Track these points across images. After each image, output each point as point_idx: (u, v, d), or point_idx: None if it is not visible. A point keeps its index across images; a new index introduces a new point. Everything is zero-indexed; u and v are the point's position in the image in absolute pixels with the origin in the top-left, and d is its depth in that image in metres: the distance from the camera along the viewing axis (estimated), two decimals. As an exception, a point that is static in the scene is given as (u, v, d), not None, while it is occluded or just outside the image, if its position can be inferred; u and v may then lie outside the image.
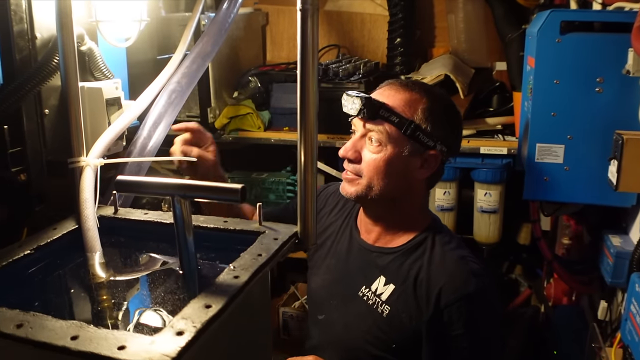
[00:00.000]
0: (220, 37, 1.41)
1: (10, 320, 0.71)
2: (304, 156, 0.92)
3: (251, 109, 2.43)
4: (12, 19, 1.18)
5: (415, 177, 1.39)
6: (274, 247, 0.91)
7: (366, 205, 1.46)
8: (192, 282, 0.93)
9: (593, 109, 1.71)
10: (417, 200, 1.44)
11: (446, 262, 1.35)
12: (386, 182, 1.36)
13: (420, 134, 1.34)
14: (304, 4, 0.86)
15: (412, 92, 1.37)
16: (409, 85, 1.40)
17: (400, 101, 1.36)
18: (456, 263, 1.34)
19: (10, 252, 0.93)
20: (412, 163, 1.37)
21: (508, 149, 2.20)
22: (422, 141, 1.34)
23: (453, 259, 1.35)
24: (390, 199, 1.39)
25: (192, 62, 1.37)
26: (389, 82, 1.43)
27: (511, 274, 2.76)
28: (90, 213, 1.02)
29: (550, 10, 1.74)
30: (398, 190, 1.39)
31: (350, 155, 1.38)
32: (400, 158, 1.35)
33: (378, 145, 1.35)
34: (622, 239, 1.69)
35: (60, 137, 1.29)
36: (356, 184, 1.38)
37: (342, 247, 1.52)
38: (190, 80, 1.37)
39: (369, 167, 1.36)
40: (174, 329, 0.68)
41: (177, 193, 0.87)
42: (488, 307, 1.35)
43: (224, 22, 1.41)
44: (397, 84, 1.40)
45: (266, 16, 2.90)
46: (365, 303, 1.40)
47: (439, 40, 2.77)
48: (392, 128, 1.33)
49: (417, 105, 1.35)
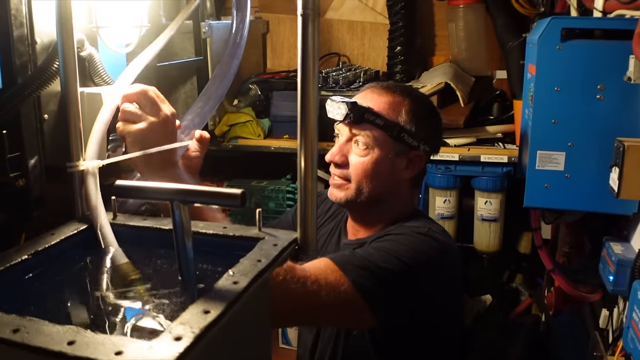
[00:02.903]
0: (229, 79, 1.42)
1: (7, 325, 0.70)
2: (304, 162, 0.91)
3: (251, 116, 2.43)
4: (12, 24, 1.18)
5: (401, 178, 1.43)
6: (274, 253, 0.90)
7: (354, 209, 1.48)
8: (191, 288, 0.92)
9: (594, 116, 1.70)
10: (403, 200, 1.47)
11: (410, 224, 1.37)
12: (374, 185, 1.39)
13: (405, 135, 1.38)
14: (305, 9, 0.85)
15: (395, 94, 1.41)
16: (390, 87, 1.43)
17: (384, 104, 1.39)
18: (416, 226, 1.36)
19: (7, 257, 0.92)
20: (398, 164, 1.41)
21: (508, 157, 2.20)
22: (407, 142, 1.38)
23: (417, 224, 1.37)
24: (377, 200, 1.42)
25: (204, 104, 1.39)
26: (370, 85, 1.47)
27: (512, 282, 2.76)
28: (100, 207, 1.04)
29: (551, 18, 1.74)
30: (385, 191, 1.42)
31: (338, 159, 1.41)
32: (386, 160, 1.38)
33: (365, 149, 1.38)
34: (624, 247, 1.68)
35: (59, 142, 1.29)
36: (345, 188, 1.41)
37: (331, 249, 1.54)
38: (202, 120, 1.39)
39: (357, 170, 1.39)
40: (172, 334, 0.67)
41: (177, 198, 0.86)
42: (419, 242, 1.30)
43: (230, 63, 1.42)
44: (379, 87, 1.43)
45: (267, 24, 2.91)
46: None
47: (440, 48, 2.78)
48: (378, 131, 1.37)
49: (400, 107, 1.39)
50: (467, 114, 2.36)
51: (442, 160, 2.28)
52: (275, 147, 2.41)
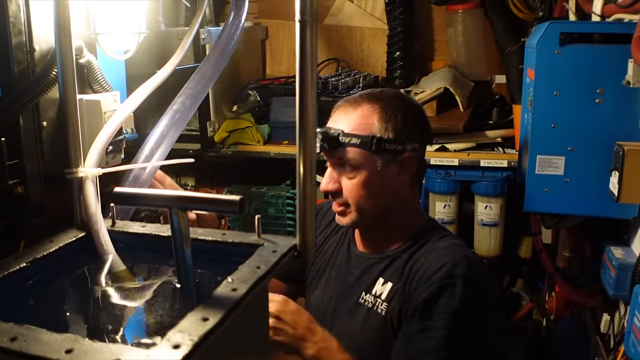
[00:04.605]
0: (224, 59, 1.41)
1: (4, 333, 0.69)
2: (303, 167, 0.91)
3: (250, 122, 2.43)
4: (11, 31, 1.18)
5: (398, 184, 1.40)
6: (273, 260, 0.90)
7: (363, 228, 1.47)
8: (190, 295, 0.92)
9: (593, 120, 1.70)
10: (407, 204, 1.45)
11: (438, 249, 1.35)
12: (373, 202, 1.37)
13: (386, 145, 1.34)
14: (303, 15, 0.85)
15: (361, 106, 1.37)
16: (356, 100, 1.38)
17: (354, 121, 1.35)
18: (447, 248, 1.35)
19: (5, 264, 0.92)
20: (390, 173, 1.37)
21: (508, 161, 2.20)
22: (390, 150, 1.34)
23: (445, 245, 1.37)
24: (382, 213, 1.40)
25: (196, 84, 1.38)
26: (337, 105, 1.42)
27: (512, 287, 2.74)
28: (98, 214, 1.04)
29: (549, 22, 1.74)
30: (387, 202, 1.39)
31: (331, 187, 1.39)
32: (376, 174, 1.35)
33: (351, 171, 1.36)
34: (624, 251, 1.68)
35: (58, 149, 1.28)
36: (347, 213, 1.40)
37: (341, 260, 1.52)
38: (194, 101, 1.37)
39: (351, 193, 1.37)
40: (170, 342, 0.67)
41: (175, 205, 0.86)
42: (468, 293, 1.30)
43: (227, 43, 1.41)
44: (346, 105, 1.39)
45: (266, 30, 2.91)
46: (366, 308, 1.40)
47: (439, 53, 2.79)
48: (358, 150, 1.33)
49: (371, 118, 1.35)
50: (466, 119, 2.36)
51: (441, 165, 2.27)
52: (274, 153, 2.41)
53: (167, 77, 1.33)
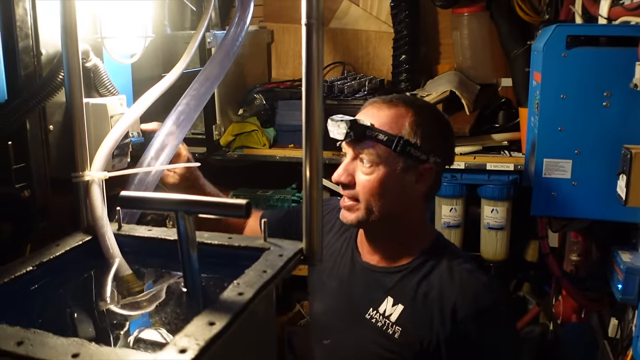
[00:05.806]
0: (229, 60, 1.41)
1: (11, 337, 0.69)
2: (309, 171, 0.90)
3: (256, 126, 2.43)
4: (18, 35, 1.18)
5: (412, 193, 1.37)
6: (279, 264, 0.90)
7: (367, 229, 1.43)
8: (196, 299, 0.91)
9: (601, 123, 1.70)
10: (417, 216, 1.42)
11: (455, 277, 1.33)
12: (384, 203, 1.33)
13: (411, 149, 1.32)
14: (309, 19, 0.85)
15: (396, 107, 1.35)
16: (392, 101, 1.37)
17: (385, 118, 1.34)
18: (466, 277, 1.33)
19: (12, 268, 0.92)
20: (407, 179, 1.35)
21: (515, 165, 2.19)
22: (414, 156, 1.32)
23: (462, 273, 1.34)
24: (390, 219, 1.36)
25: (200, 85, 1.38)
26: (371, 100, 1.41)
27: (519, 291, 2.74)
28: (104, 218, 1.04)
29: (555, 25, 1.73)
30: (397, 209, 1.36)
31: (344, 179, 1.36)
32: (394, 176, 1.33)
33: (370, 166, 1.33)
34: (632, 255, 1.67)
35: (64, 153, 1.29)
36: (355, 209, 1.36)
37: (344, 269, 1.48)
38: (199, 103, 1.37)
39: (364, 189, 1.33)
40: (176, 347, 0.67)
41: (181, 209, 0.86)
42: (503, 318, 1.34)
43: (232, 45, 1.41)
44: (380, 102, 1.38)
45: (271, 34, 2.91)
46: (374, 326, 1.36)
47: (444, 56, 2.78)
48: (382, 147, 1.31)
49: (403, 120, 1.33)
50: (472, 122, 2.35)
51: (447, 169, 2.27)
52: (280, 157, 2.41)
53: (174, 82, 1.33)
